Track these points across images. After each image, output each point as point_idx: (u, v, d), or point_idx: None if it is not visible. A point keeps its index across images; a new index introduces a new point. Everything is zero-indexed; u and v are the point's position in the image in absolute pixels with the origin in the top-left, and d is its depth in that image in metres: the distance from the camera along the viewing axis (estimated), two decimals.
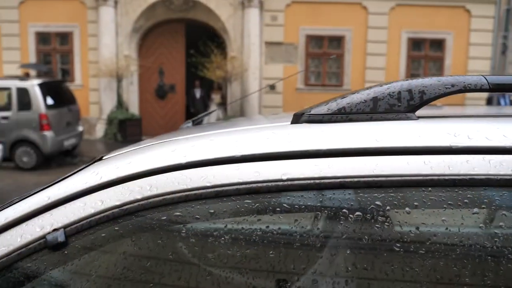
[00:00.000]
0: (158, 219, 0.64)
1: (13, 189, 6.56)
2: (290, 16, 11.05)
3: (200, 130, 0.99)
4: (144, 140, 1.32)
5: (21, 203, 0.75)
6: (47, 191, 0.74)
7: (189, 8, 10.95)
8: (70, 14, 11.20)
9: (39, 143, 7.81)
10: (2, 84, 8.14)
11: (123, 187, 0.67)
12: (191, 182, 0.64)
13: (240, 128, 0.85)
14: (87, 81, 11.34)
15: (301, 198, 0.61)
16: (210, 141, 0.72)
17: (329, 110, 0.71)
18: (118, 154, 0.84)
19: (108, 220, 0.65)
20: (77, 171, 0.81)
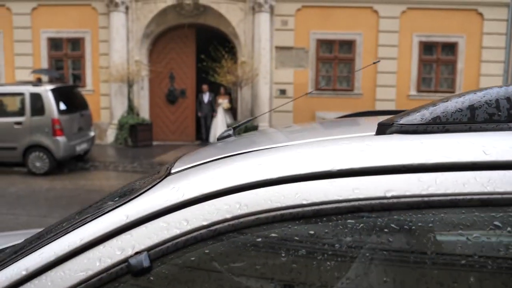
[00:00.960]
0: (252, 241, 0.59)
1: (27, 194, 6.56)
2: (300, 20, 11.02)
3: (265, 140, 0.94)
4: (206, 144, 1.27)
5: (94, 222, 0.69)
6: (124, 209, 0.68)
7: (200, 13, 10.97)
8: (82, 20, 11.26)
9: (51, 148, 7.82)
10: (15, 90, 8.17)
11: (209, 205, 0.61)
12: (285, 200, 0.58)
13: (318, 139, 0.79)
14: (98, 86, 11.38)
15: (409, 217, 0.55)
16: (298, 154, 0.67)
17: (422, 120, 0.66)
18: (191, 166, 0.78)
19: (195, 242, 0.59)
20: (151, 186, 0.74)
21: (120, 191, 1.14)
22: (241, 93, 10.88)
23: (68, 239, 0.67)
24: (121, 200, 0.72)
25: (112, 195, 1.20)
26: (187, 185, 0.67)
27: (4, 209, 5.75)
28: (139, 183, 0.99)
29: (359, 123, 1.20)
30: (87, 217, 0.73)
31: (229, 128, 1.32)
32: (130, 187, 1.06)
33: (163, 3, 10.83)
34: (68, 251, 0.65)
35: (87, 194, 6.61)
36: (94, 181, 7.54)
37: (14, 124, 7.86)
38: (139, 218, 0.65)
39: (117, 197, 1.05)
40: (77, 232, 0.69)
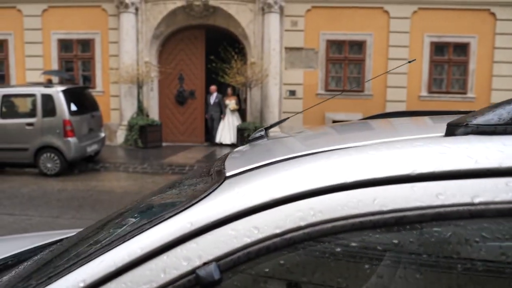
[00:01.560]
0: (330, 251, 0.54)
1: (38, 195, 6.58)
2: (310, 21, 10.97)
3: (324, 141, 0.89)
4: (256, 143, 1.21)
5: (154, 229, 0.64)
6: (186, 216, 0.64)
7: (209, 14, 10.95)
8: (92, 21, 11.30)
9: (63, 149, 7.83)
10: (27, 91, 8.21)
11: (280, 211, 0.57)
12: (362, 206, 0.54)
13: (386, 140, 0.73)
14: (108, 88, 11.41)
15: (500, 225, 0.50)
16: (372, 156, 0.62)
17: (500, 120, 0.61)
18: (250, 169, 0.73)
19: (269, 252, 0.54)
20: (212, 190, 0.69)
21: (164, 195, 1.09)
22: (250, 94, 10.84)
23: (127, 248, 0.62)
24: (181, 205, 0.67)
25: (154, 198, 1.14)
26: (253, 189, 0.63)
27: (16, 210, 5.76)
28: (189, 187, 0.94)
29: (413, 123, 1.15)
30: (144, 224, 0.68)
31: (261, 129, 1.27)
32: (176, 191, 1.01)
33: (173, 4, 10.83)
34: (128, 261, 0.60)
35: (99, 195, 6.61)
36: (105, 182, 7.54)
37: (25, 125, 7.89)
38: (204, 225, 0.60)
39: (161, 200, 1.00)
40: (136, 240, 0.64)
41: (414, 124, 1.11)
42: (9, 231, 4.95)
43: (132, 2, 10.78)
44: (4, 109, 8.03)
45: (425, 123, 1.10)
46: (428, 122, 1.09)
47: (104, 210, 5.72)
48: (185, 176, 1.35)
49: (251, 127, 10.20)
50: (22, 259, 1.66)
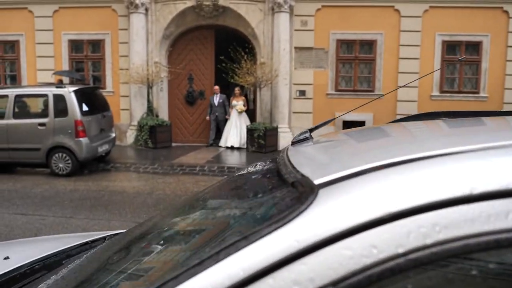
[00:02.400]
0: (465, 273, 0.48)
1: (51, 195, 6.60)
2: (320, 20, 10.90)
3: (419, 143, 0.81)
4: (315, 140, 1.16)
5: (253, 246, 0.56)
6: (289, 231, 0.56)
7: (219, 14, 10.94)
8: (102, 22, 11.35)
9: (74, 149, 7.86)
10: (39, 91, 8.26)
11: (398, 226, 0.50)
12: (497, 221, 0.47)
13: (500, 143, 0.64)
14: (118, 88, 11.44)
15: None
16: (494, 162, 0.55)
17: None
18: (344, 176, 0.64)
19: (393, 275, 0.48)
20: (309, 201, 0.60)
21: (232, 201, 1.01)
22: (260, 94, 10.81)
23: (226, 269, 0.55)
24: (278, 219, 0.59)
25: (222, 204, 1.07)
26: (360, 201, 0.56)
27: (30, 210, 5.79)
28: (265, 195, 0.85)
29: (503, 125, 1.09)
30: (238, 240, 0.59)
31: (305, 131, 1.23)
32: (249, 200, 0.92)
33: (183, 4, 10.83)
34: (230, 285, 0.53)
35: (111, 195, 6.62)
36: (117, 183, 7.55)
37: (37, 125, 7.93)
38: (313, 243, 0.53)
39: (237, 210, 0.89)
40: (234, 259, 0.56)
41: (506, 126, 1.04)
42: (23, 231, 4.97)
43: (142, 2, 10.81)
44: (16, 109, 8.08)
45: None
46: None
47: (117, 211, 5.73)
48: (237, 179, 1.26)
49: (260, 128, 10.17)
50: (48, 263, 1.64)
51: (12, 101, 8.01)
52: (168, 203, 6.16)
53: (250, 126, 10.48)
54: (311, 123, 11.09)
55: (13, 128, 7.98)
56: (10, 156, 8.09)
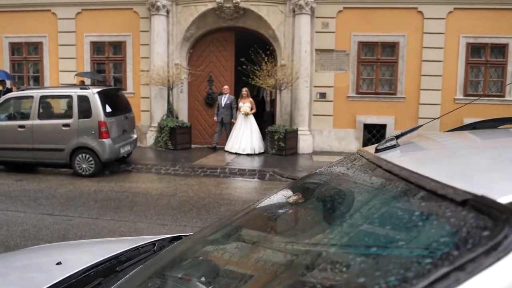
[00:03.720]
0: None
1: (76, 196, 6.64)
2: (341, 22, 10.79)
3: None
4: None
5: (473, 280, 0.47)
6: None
7: (240, 16, 10.92)
8: (124, 24, 11.44)
9: (97, 150, 7.91)
10: (64, 92, 8.33)
11: None
12: None
13: None
14: (139, 89, 11.52)
15: None
16: None
17: None
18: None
19: None
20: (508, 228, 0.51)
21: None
22: (280, 96, 10.74)
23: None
24: (488, 250, 0.50)
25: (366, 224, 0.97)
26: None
27: (56, 211, 5.83)
28: (410, 216, 0.76)
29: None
30: (449, 271, 0.50)
31: (392, 137, 1.16)
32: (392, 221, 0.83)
33: (204, 6, 10.86)
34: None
35: (134, 197, 6.63)
36: (139, 184, 7.57)
37: (62, 126, 8.01)
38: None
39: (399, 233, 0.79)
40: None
41: None
42: (51, 231, 5.00)
43: (163, 4, 10.86)
44: (41, 110, 8.17)
45: None
46: None
47: (142, 213, 5.73)
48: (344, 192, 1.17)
49: (281, 130, 10.10)
50: (102, 270, 1.61)
51: (37, 102, 8.11)
52: (191, 205, 6.14)
53: (270, 128, 10.42)
54: (331, 126, 10.99)
55: (37, 128, 8.08)
56: (35, 156, 8.19)
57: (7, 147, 8.21)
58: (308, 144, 10.68)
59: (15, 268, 1.84)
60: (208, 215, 5.66)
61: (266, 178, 8.08)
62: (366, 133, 11.01)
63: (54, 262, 1.71)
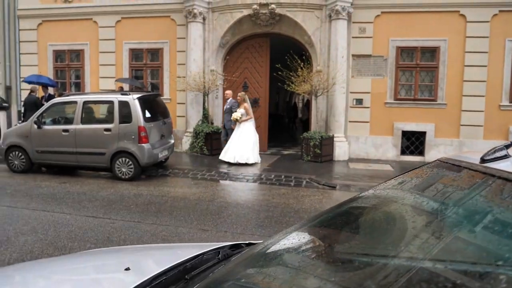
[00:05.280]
0: None
1: (117, 199, 6.77)
2: (379, 27, 10.60)
3: None
4: None
5: None
6: None
7: (275, 22, 10.93)
8: (161, 31, 11.69)
9: (137, 154, 8.06)
10: (105, 98, 8.56)
11: None
12: None
13: None
14: (175, 95, 11.71)
15: None
16: None
17: None
18: None
19: None
20: None
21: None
22: (316, 102, 10.64)
23: None
24: None
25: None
26: None
27: (100, 213, 5.95)
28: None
29: None
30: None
31: (501, 147, 1.08)
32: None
33: (239, 13, 10.94)
34: None
35: (173, 201, 6.69)
36: (177, 188, 7.64)
37: (103, 131, 8.22)
38: None
39: None
40: None
41: None
42: (96, 233, 5.10)
43: (200, 12, 11.02)
44: (84, 115, 8.42)
45: None
46: None
47: (183, 217, 5.77)
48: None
49: (316, 136, 9.99)
50: (170, 278, 1.59)
51: (80, 107, 8.37)
52: (230, 211, 6.13)
53: (306, 134, 10.32)
54: (368, 133, 10.77)
55: (80, 133, 8.33)
56: (77, 160, 8.44)
57: (52, 150, 8.50)
58: (344, 151, 10.50)
59: (83, 270, 1.85)
60: (247, 222, 5.63)
61: (302, 185, 7.98)
62: (405, 140, 10.72)
63: (122, 267, 1.70)
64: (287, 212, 6.11)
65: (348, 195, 6.55)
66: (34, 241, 4.78)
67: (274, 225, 5.48)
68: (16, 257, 4.31)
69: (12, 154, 8.82)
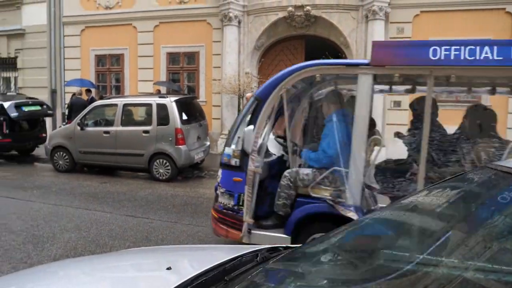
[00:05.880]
0: None
1: (154, 199, 6.95)
2: (418, 27, 10.31)
3: None
4: None
5: None
6: None
7: (310, 24, 10.87)
8: (197, 35, 11.90)
9: (174, 156, 8.25)
10: (144, 101, 8.82)
11: None
12: None
13: None
14: (210, 98, 11.88)
15: None
16: None
17: None
18: None
19: None
20: None
21: None
22: None
23: None
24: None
25: None
26: None
27: (138, 213, 6.13)
28: None
29: None
30: None
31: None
32: None
33: (275, 15, 10.96)
34: None
35: (209, 202, 6.76)
36: (213, 190, 7.73)
37: (142, 133, 8.47)
38: None
39: None
40: None
41: None
42: (135, 232, 5.26)
43: (235, 15, 11.14)
44: (123, 117, 8.71)
45: None
46: None
47: None
48: None
49: None
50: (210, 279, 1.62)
51: (120, 110, 8.66)
52: None
53: None
54: None
55: (120, 134, 8.62)
56: (117, 161, 8.74)
57: (93, 151, 8.86)
58: (381, 154, 10.25)
59: (125, 268, 1.92)
60: None
61: None
62: None
63: (162, 266, 1.75)
64: None
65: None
66: (78, 238, 4.99)
67: None
68: (61, 253, 4.52)
69: (57, 154, 9.26)
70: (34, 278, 1.82)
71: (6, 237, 4.99)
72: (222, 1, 11.25)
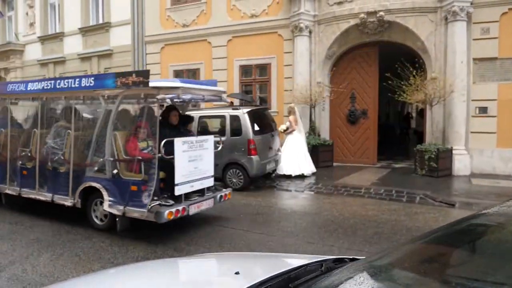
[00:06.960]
0: None
1: (228, 207, 7.14)
2: (506, 25, 9.47)
3: None
4: None
5: None
6: None
7: (384, 30, 10.53)
8: (269, 47, 12.13)
9: (247, 166, 8.43)
10: (218, 113, 9.17)
11: None
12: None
13: None
14: (282, 108, 11.99)
15: None
16: None
17: None
18: None
19: None
20: None
21: None
22: (431, 112, 9.89)
23: None
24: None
25: None
26: None
27: (214, 220, 6.34)
28: None
29: None
30: None
31: None
32: None
33: (346, 23, 10.80)
34: None
35: (280, 212, 6.81)
36: (284, 201, 7.77)
37: (216, 143, 8.76)
38: None
39: None
40: None
41: None
42: (209, 239, 5.45)
43: (306, 25, 11.18)
44: (199, 129, 9.11)
45: None
46: None
47: (289, 229, 5.83)
48: None
49: (432, 149, 9.25)
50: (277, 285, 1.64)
51: (197, 122, 9.08)
52: (337, 224, 6.01)
53: (419, 147, 9.64)
54: (494, 145, 9.62)
55: None
56: None
57: None
58: (465, 165, 9.52)
59: (197, 271, 2.01)
60: (355, 237, 5.45)
61: (416, 201, 7.45)
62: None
63: (232, 271, 1.81)
64: (397, 230, 5.76)
65: (469, 214, 5.91)
66: (157, 242, 5.29)
67: (383, 242, 5.21)
68: (143, 255, 4.83)
69: None
70: (124, 277, 1.97)
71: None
72: (293, 13, 11.36)
